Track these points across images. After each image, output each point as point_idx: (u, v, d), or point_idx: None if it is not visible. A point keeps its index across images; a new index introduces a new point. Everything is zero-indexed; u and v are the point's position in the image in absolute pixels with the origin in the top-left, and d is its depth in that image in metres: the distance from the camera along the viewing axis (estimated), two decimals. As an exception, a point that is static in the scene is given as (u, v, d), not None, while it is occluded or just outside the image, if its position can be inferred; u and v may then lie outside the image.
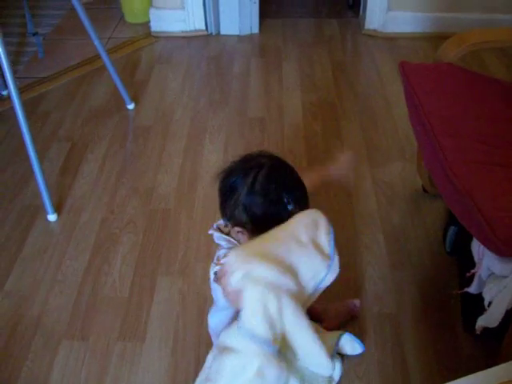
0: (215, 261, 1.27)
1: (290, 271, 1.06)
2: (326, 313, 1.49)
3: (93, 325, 1.52)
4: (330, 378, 1.28)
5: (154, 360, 1.43)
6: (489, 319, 1.21)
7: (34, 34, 2.74)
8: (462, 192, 1.22)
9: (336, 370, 1.29)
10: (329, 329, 1.47)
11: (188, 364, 1.41)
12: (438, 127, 1.39)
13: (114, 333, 1.50)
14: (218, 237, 1.31)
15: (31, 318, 1.54)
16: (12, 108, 1.78)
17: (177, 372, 1.40)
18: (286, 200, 1.18)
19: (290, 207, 1.17)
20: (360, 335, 1.47)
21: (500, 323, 1.20)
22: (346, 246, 1.72)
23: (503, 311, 1.17)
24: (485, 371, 0.97)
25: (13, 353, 1.46)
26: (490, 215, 1.15)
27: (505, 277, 1.18)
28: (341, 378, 1.31)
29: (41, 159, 1.89)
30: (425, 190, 1.90)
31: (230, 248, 1.27)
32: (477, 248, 1.30)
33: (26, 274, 1.67)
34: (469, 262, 1.39)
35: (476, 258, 1.31)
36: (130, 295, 1.60)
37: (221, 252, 1.28)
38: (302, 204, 1.20)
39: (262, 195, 1.19)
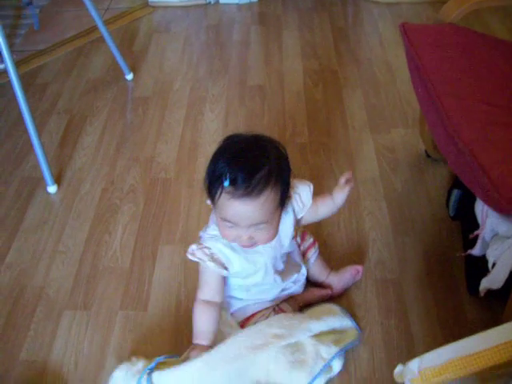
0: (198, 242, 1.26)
1: None
2: (331, 280, 1.49)
3: (95, 295, 1.52)
4: (329, 368, 1.28)
5: (156, 329, 1.43)
6: (493, 280, 1.20)
7: (29, 4, 2.69)
8: (465, 152, 1.20)
9: (337, 365, 1.29)
10: (334, 296, 1.47)
11: (191, 332, 1.40)
12: (440, 88, 1.36)
13: (116, 302, 1.50)
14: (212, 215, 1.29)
15: (33, 288, 1.54)
16: (10, 81, 1.75)
17: (180, 340, 1.40)
18: (223, 176, 1.08)
19: (225, 183, 1.08)
20: (363, 301, 1.47)
21: (504, 284, 1.19)
22: (348, 212, 1.71)
23: (507, 272, 1.16)
24: (490, 330, 0.96)
25: (16, 324, 1.46)
26: (493, 174, 1.13)
27: (509, 237, 1.16)
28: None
29: (40, 132, 1.88)
30: (428, 155, 1.87)
31: (211, 236, 1.25)
32: (480, 209, 1.28)
33: (27, 245, 1.67)
34: (472, 226, 1.37)
35: (480, 220, 1.29)
36: (131, 265, 1.59)
37: (201, 234, 1.28)
38: (247, 188, 1.08)
39: (210, 163, 1.15)
